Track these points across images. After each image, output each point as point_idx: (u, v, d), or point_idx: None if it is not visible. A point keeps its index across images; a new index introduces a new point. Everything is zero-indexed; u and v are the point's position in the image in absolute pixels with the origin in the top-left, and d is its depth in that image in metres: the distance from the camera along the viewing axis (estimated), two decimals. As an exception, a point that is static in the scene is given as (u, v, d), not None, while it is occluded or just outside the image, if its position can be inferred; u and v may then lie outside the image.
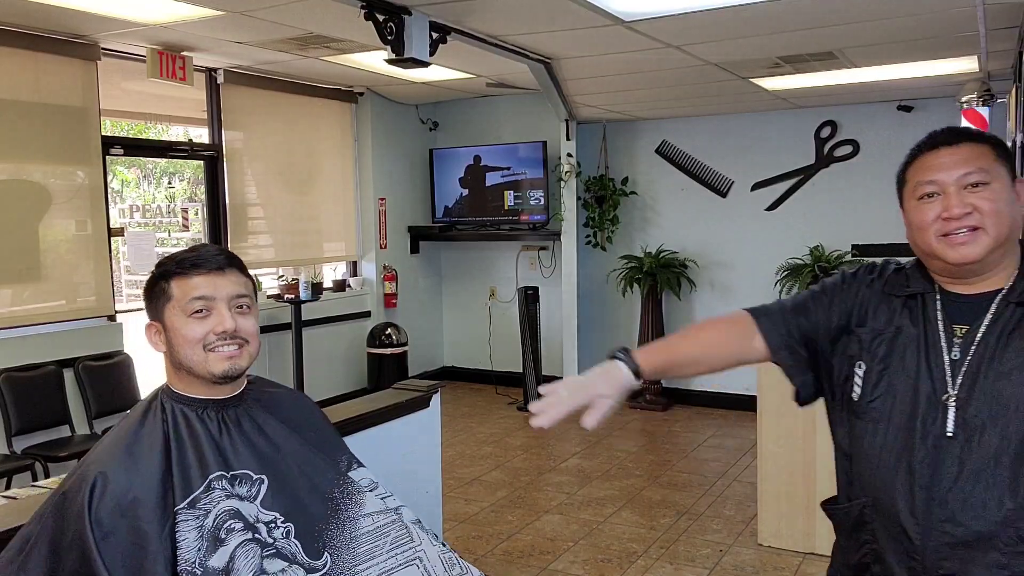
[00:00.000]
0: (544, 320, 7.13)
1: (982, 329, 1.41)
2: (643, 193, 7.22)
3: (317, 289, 6.60)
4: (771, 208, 6.78)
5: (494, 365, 7.73)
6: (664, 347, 1.63)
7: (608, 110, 6.78)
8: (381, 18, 3.94)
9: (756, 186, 6.81)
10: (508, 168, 7.31)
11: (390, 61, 4.14)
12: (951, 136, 1.45)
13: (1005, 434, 1.35)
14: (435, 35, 4.23)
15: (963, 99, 4.93)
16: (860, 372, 1.49)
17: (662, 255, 6.96)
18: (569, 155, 6.95)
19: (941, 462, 1.38)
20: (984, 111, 4.85)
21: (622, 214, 7.20)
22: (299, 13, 4.23)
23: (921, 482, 1.39)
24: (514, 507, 4.73)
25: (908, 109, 6.20)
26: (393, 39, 4.00)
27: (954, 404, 1.39)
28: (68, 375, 4.90)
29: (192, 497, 1.40)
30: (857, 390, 1.49)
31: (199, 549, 1.37)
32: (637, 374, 1.51)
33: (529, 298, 6.89)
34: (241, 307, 1.49)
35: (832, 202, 6.57)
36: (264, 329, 6.30)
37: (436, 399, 2.84)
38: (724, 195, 6.95)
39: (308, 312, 6.49)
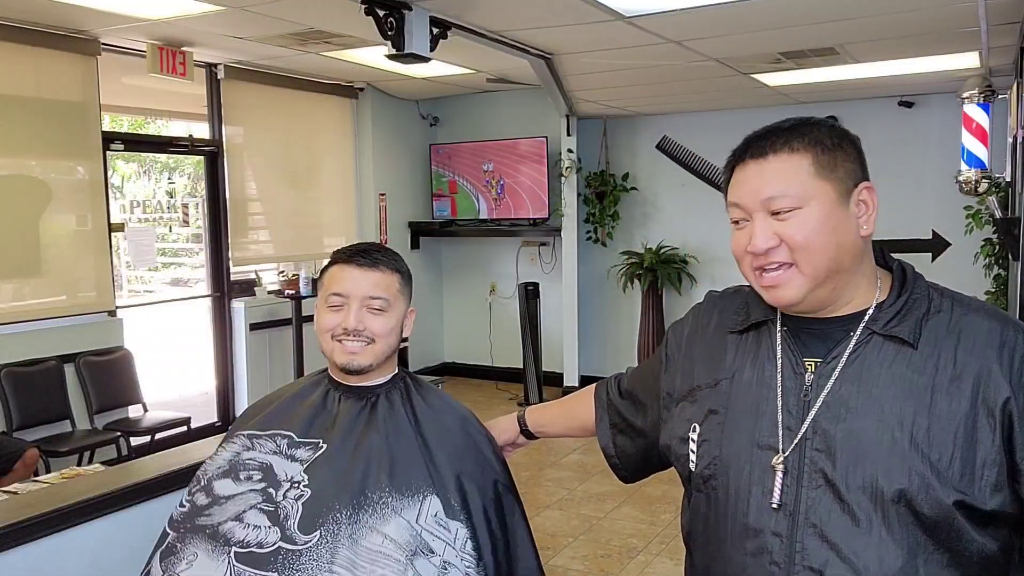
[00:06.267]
0: (544, 316, 7.13)
1: (840, 363, 1.11)
2: (644, 189, 7.21)
3: (317, 284, 6.59)
4: (772, 204, 6.77)
5: (494, 361, 7.73)
6: (548, 414, 1.79)
7: (609, 105, 6.77)
8: (381, 13, 3.94)
9: (757, 182, 6.80)
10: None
11: (390, 56, 4.14)
12: (760, 144, 1.16)
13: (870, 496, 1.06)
14: (435, 30, 4.22)
15: (964, 95, 4.91)
16: (695, 436, 1.22)
17: (663, 251, 6.95)
18: (570, 151, 6.95)
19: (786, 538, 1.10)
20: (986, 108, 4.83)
21: (622, 210, 7.19)
22: (299, 8, 4.22)
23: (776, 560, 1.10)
24: (514, 502, 4.73)
25: (909, 105, 6.19)
26: (393, 34, 3.99)
27: (782, 469, 1.10)
28: (69, 370, 4.91)
29: (250, 433, 1.55)
30: (693, 458, 1.22)
31: (220, 468, 1.51)
32: (527, 432, 1.74)
33: (529, 294, 6.88)
34: (375, 308, 1.56)
35: (833, 198, 6.54)
36: (264, 325, 6.32)
37: (436, 395, 2.84)
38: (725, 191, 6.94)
39: (308, 307, 6.48)
